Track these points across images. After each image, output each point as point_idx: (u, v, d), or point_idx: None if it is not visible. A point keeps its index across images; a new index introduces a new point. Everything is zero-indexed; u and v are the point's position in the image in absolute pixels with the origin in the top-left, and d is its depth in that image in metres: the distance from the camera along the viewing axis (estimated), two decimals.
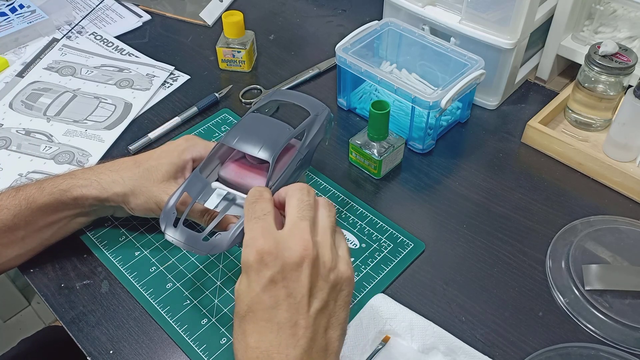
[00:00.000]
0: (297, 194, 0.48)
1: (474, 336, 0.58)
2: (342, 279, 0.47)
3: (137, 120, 0.84)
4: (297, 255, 0.44)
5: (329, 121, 0.64)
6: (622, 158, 0.73)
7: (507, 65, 0.80)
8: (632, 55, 0.72)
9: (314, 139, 0.62)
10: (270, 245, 0.44)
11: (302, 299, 0.44)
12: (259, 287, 0.44)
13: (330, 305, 0.46)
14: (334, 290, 0.46)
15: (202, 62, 0.94)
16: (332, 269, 0.46)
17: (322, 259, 0.46)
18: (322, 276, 0.45)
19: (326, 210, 0.49)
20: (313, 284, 0.45)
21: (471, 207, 0.71)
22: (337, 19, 1.04)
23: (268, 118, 0.61)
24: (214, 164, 0.62)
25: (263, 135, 0.58)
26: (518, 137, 0.80)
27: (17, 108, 0.84)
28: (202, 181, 0.58)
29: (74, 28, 1.01)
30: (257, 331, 0.44)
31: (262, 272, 0.44)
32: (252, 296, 0.44)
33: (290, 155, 0.60)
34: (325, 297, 0.45)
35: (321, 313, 0.45)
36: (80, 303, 0.61)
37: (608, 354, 0.56)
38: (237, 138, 0.58)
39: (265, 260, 0.44)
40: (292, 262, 0.44)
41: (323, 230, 0.48)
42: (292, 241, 0.45)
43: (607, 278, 0.62)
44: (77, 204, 0.61)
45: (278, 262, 0.44)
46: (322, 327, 0.45)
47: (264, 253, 0.44)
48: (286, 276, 0.44)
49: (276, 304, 0.44)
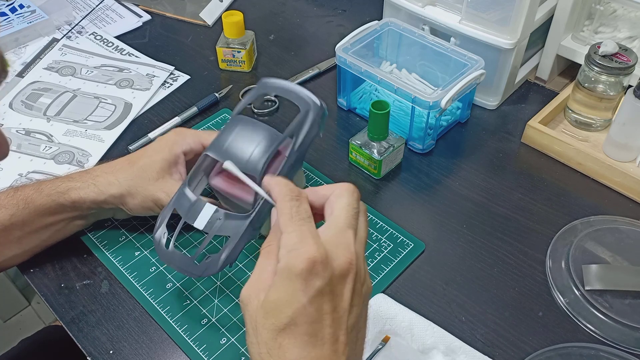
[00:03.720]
0: (347, 198, 0.44)
1: (474, 336, 0.58)
2: (368, 293, 0.45)
3: (137, 120, 0.83)
4: (345, 268, 0.41)
5: (321, 117, 0.61)
6: (622, 158, 0.73)
7: (507, 65, 0.79)
8: (632, 55, 0.72)
9: (305, 139, 0.59)
10: (322, 254, 0.40)
11: (344, 314, 0.41)
12: (306, 298, 0.39)
13: (360, 318, 0.44)
14: (364, 304, 0.44)
15: (202, 62, 0.94)
16: (364, 282, 0.44)
17: (359, 272, 0.43)
18: (358, 290, 0.43)
19: (364, 219, 0.46)
20: (352, 298, 0.42)
21: (471, 207, 0.71)
22: (337, 19, 1.04)
23: (254, 122, 0.59)
24: (200, 175, 0.61)
25: (249, 145, 0.56)
26: (518, 137, 0.80)
27: (17, 108, 0.84)
28: (190, 197, 0.57)
29: (74, 28, 1.01)
30: (299, 346, 0.40)
31: (312, 282, 0.39)
32: (297, 307, 0.39)
33: (280, 160, 0.59)
34: (358, 312, 0.43)
35: (354, 328, 0.43)
36: (80, 303, 0.61)
37: (608, 354, 0.56)
38: (223, 149, 0.57)
39: (316, 269, 0.39)
40: (339, 274, 0.41)
41: (362, 241, 0.44)
42: (339, 251, 0.41)
43: (607, 278, 0.62)
44: (75, 206, 0.61)
45: (328, 272, 0.40)
46: (354, 343, 0.43)
47: (316, 262, 0.39)
48: (333, 289, 0.41)
49: (321, 319, 0.40)
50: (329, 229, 0.43)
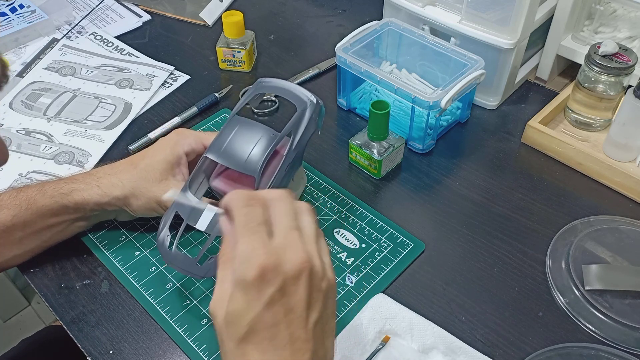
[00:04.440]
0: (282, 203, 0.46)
1: (474, 336, 0.58)
2: (331, 287, 0.45)
3: (137, 120, 0.83)
4: (297, 269, 0.42)
5: (318, 113, 0.61)
6: (622, 158, 0.73)
7: (507, 65, 0.79)
8: (632, 55, 0.72)
9: (302, 137, 0.59)
10: (272, 261, 0.41)
11: (302, 313, 0.42)
12: (261, 306, 0.41)
13: (324, 314, 0.45)
14: (326, 299, 0.45)
15: (202, 62, 0.94)
16: (323, 277, 0.44)
17: (315, 268, 0.44)
18: (316, 286, 0.44)
19: (309, 217, 0.47)
20: (310, 297, 0.43)
21: (471, 207, 0.71)
22: (337, 19, 1.04)
23: (252, 123, 0.59)
24: (201, 177, 0.62)
25: (247, 146, 0.57)
26: (518, 137, 0.80)
27: (17, 108, 0.84)
28: (191, 199, 0.58)
29: (74, 28, 1.01)
30: (260, 351, 0.41)
31: (264, 290, 0.41)
32: (253, 316, 0.41)
33: (278, 159, 0.59)
34: (320, 307, 0.44)
35: (318, 324, 0.44)
36: (80, 303, 0.61)
37: (608, 354, 0.56)
38: (221, 150, 0.57)
39: (267, 277, 0.41)
40: (292, 275, 0.42)
41: (310, 238, 0.45)
42: (289, 253, 0.43)
43: (607, 278, 0.62)
44: (78, 208, 0.61)
45: (280, 277, 0.41)
46: (320, 338, 0.44)
47: (266, 269, 0.41)
48: (286, 291, 0.42)
49: (278, 322, 0.42)
50: (275, 234, 0.44)
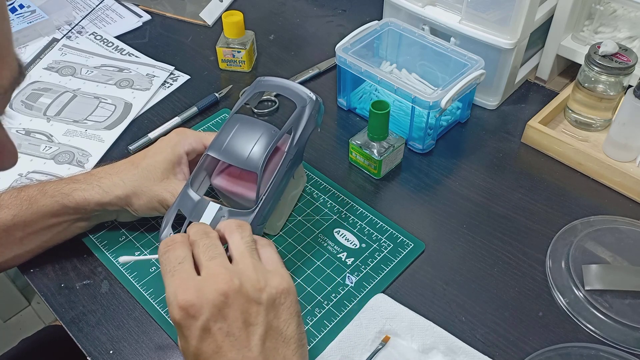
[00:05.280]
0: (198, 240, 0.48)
1: (474, 336, 0.58)
2: (278, 294, 0.46)
3: (137, 120, 0.83)
4: (220, 293, 0.43)
5: (318, 110, 0.62)
6: (622, 158, 0.73)
7: (507, 65, 0.79)
8: (632, 55, 0.72)
9: (302, 134, 0.60)
10: (191, 296, 0.43)
11: (241, 333, 0.43)
12: (195, 341, 0.43)
13: (274, 324, 0.45)
14: (271, 309, 0.45)
15: (202, 62, 0.94)
16: (263, 288, 0.45)
17: (247, 283, 0.45)
18: (254, 301, 0.44)
19: (238, 234, 0.48)
20: (246, 313, 0.44)
21: (471, 207, 0.71)
22: (337, 19, 1.04)
23: (252, 120, 0.59)
24: (203, 175, 0.62)
25: (248, 143, 0.57)
26: (518, 137, 0.80)
27: (17, 108, 0.84)
28: (193, 197, 0.58)
29: (74, 28, 1.01)
30: None
31: (193, 326, 0.43)
32: (193, 351, 0.43)
33: (280, 156, 0.59)
34: (264, 320, 0.44)
35: (266, 336, 0.44)
36: (80, 303, 0.61)
37: (608, 354, 0.56)
38: (222, 148, 0.58)
39: (190, 312, 0.43)
40: (218, 302, 0.43)
41: (240, 255, 0.47)
42: (209, 282, 0.44)
43: (607, 278, 0.62)
44: (79, 208, 0.60)
45: (204, 309, 0.43)
46: (272, 349, 0.44)
47: (186, 307, 0.43)
48: (217, 318, 0.43)
49: (218, 348, 0.43)
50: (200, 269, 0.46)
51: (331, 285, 0.62)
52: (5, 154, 0.38)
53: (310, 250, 0.66)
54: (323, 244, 0.66)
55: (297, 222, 0.69)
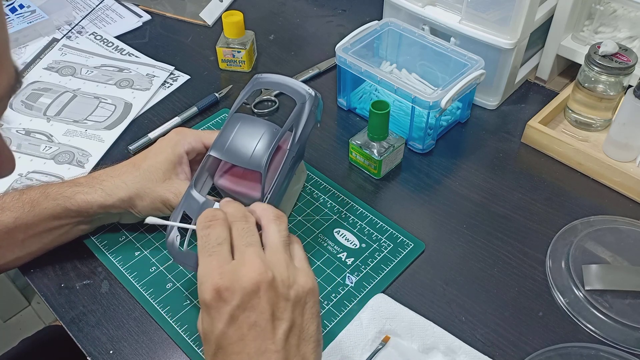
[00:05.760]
0: (240, 219, 0.48)
1: (474, 336, 0.58)
2: (304, 293, 0.46)
3: (137, 120, 0.83)
4: (253, 283, 0.44)
5: (317, 106, 0.62)
6: (622, 158, 0.73)
7: (507, 65, 0.79)
8: (632, 55, 0.72)
9: (303, 130, 0.60)
10: (226, 280, 0.44)
11: (267, 325, 0.44)
12: (222, 324, 0.43)
13: (298, 321, 0.45)
14: (297, 306, 0.46)
15: (202, 62, 0.94)
16: (291, 285, 0.46)
17: (279, 278, 0.45)
18: (282, 296, 0.45)
19: (275, 226, 0.49)
20: (275, 307, 0.44)
21: (471, 207, 0.71)
22: (337, 19, 1.04)
23: (253, 119, 0.59)
24: (205, 175, 0.62)
25: (251, 142, 0.57)
26: (518, 137, 0.80)
27: (17, 108, 0.84)
28: (198, 198, 0.57)
29: (74, 28, 1.01)
30: None
31: (223, 309, 0.43)
32: (217, 334, 0.44)
33: (282, 154, 0.59)
34: (290, 316, 0.45)
35: (290, 332, 0.44)
36: (80, 303, 0.61)
37: (608, 354, 0.56)
38: (225, 148, 0.58)
39: (223, 296, 0.43)
40: (250, 290, 0.44)
41: (274, 248, 0.47)
42: (244, 270, 0.44)
43: (607, 278, 0.62)
44: (82, 211, 0.60)
45: (236, 295, 0.43)
46: (294, 346, 0.45)
47: (220, 290, 0.43)
48: (246, 307, 0.43)
49: (243, 336, 0.43)
50: (234, 252, 0.47)
51: (331, 285, 0.62)
52: (2, 160, 0.37)
53: (310, 250, 0.66)
54: (323, 244, 0.66)
55: (297, 222, 0.69)
